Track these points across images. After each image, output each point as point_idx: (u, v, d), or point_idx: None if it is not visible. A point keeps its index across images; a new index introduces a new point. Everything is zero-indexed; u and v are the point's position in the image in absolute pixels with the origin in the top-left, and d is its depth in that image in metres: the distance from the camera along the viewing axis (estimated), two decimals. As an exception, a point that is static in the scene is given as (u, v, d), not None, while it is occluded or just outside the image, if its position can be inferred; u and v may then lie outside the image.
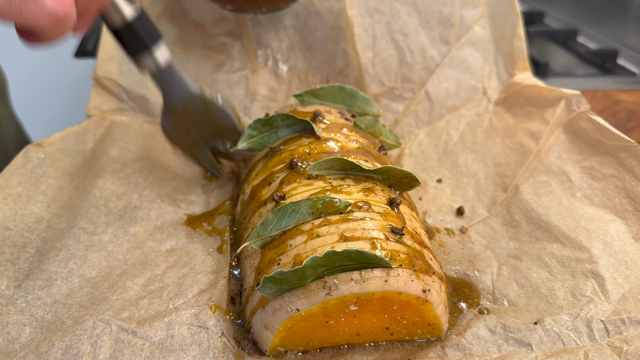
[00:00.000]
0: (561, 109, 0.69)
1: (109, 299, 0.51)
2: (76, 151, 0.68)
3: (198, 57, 0.82)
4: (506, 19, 0.81)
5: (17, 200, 0.58)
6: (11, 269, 0.52)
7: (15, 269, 0.52)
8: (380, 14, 0.82)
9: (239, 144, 0.63)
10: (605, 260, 0.54)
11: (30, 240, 0.56)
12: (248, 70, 0.83)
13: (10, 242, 0.54)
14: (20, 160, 0.62)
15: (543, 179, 0.65)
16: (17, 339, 0.46)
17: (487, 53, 0.82)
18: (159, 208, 0.64)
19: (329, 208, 0.49)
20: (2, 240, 0.54)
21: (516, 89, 0.78)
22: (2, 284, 0.50)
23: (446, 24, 0.82)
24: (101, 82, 0.78)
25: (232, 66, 0.83)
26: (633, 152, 0.60)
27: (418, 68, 0.82)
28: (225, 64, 0.83)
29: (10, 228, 0.56)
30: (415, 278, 0.46)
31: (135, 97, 0.78)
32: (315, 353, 0.49)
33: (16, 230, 0.56)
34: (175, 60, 0.67)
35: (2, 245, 0.54)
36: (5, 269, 0.52)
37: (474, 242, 0.62)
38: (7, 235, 0.55)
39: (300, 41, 0.84)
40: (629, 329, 0.48)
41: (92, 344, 0.46)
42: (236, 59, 0.83)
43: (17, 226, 0.56)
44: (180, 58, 0.81)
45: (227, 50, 0.82)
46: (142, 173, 0.68)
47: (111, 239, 0.58)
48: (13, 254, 0.53)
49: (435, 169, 0.74)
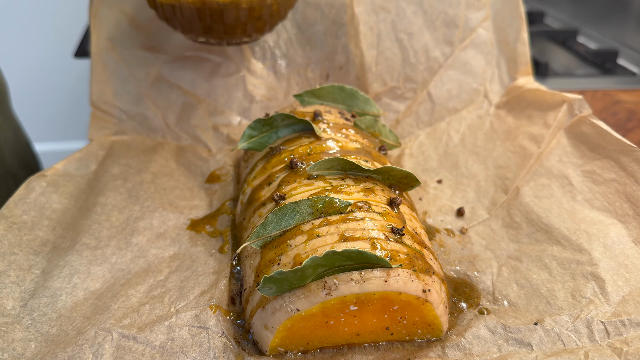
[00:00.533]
0: (563, 112, 0.69)
1: (111, 308, 0.51)
2: (79, 175, 0.69)
3: (194, 61, 0.81)
4: (511, 23, 0.81)
5: (22, 227, 0.59)
6: (17, 290, 0.53)
7: (20, 290, 0.53)
8: (386, 12, 0.82)
9: (239, 145, 0.63)
10: (606, 262, 0.54)
11: (36, 262, 0.56)
12: (245, 70, 0.83)
13: (16, 266, 0.55)
14: (23, 191, 0.63)
15: (544, 181, 0.65)
16: (23, 354, 0.47)
17: (490, 56, 0.82)
18: (161, 216, 0.64)
19: (329, 208, 0.49)
20: (8, 264, 0.55)
21: (518, 92, 0.77)
22: (8, 305, 0.51)
23: (451, 25, 0.82)
24: (99, 107, 0.78)
25: (229, 68, 0.82)
26: (634, 157, 0.60)
27: (421, 68, 0.82)
28: (221, 66, 0.82)
29: (16, 253, 0.56)
30: (415, 278, 0.46)
31: (134, 116, 0.78)
32: (315, 353, 0.49)
33: (22, 254, 0.56)
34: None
35: (7, 269, 0.54)
36: (11, 290, 0.52)
37: (474, 243, 0.62)
38: (12, 260, 0.55)
39: (299, 34, 0.84)
40: (629, 331, 0.48)
41: (94, 352, 0.46)
42: (232, 59, 0.82)
43: (22, 251, 0.57)
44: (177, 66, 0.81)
45: (222, 51, 0.82)
46: (142, 185, 0.68)
47: (114, 251, 0.59)
48: (19, 277, 0.54)
49: (435, 169, 0.74)
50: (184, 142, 0.79)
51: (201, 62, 0.82)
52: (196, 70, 0.82)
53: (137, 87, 0.79)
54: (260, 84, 0.83)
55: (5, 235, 0.57)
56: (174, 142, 0.78)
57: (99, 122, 0.78)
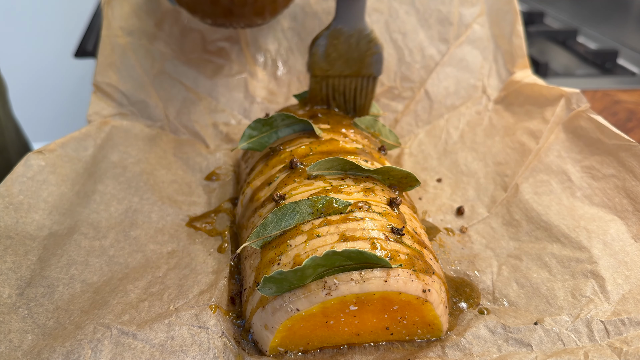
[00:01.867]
0: (561, 107, 0.69)
1: (110, 303, 0.51)
2: (77, 157, 0.68)
3: (197, 62, 0.82)
4: (505, 17, 0.81)
5: (18, 208, 0.58)
6: (13, 277, 0.52)
7: (17, 277, 0.52)
8: (379, 14, 0.82)
9: (239, 145, 0.63)
10: (605, 260, 0.54)
11: (32, 248, 0.56)
12: (247, 73, 0.83)
13: (12, 251, 0.54)
14: (21, 168, 0.62)
15: (543, 178, 0.65)
16: (20, 346, 0.46)
17: (486, 51, 0.82)
18: (160, 210, 0.64)
19: (329, 208, 0.49)
20: (4, 249, 0.54)
21: (516, 87, 0.77)
22: (4, 293, 0.50)
23: (445, 23, 0.82)
24: (101, 88, 0.78)
25: (231, 70, 0.83)
26: (633, 152, 0.60)
27: (417, 67, 0.82)
28: (224, 68, 0.83)
29: (12, 237, 0.56)
30: (415, 278, 0.46)
31: (135, 102, 0.79)
32: (315, 353, 0.49)
33: (18, 238, 0.56)
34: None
35: (4, 254, 0.54)
36: (7, 277, 0.52)
37: (474, 241, 0.61)
38: (8, 244, 0.55)
39: (299, 43, 0.84)
40: (629, 330, 0.48)
41: (93, 348, 0.46)
42: (235, 63, 0.83)
43: (18, 234, 0.56)
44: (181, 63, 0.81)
45: (225, 55, 0.83)
46: (142, 177, 0.68)
47: (112, 244, 0.58)
48: (15, 262, 0.53)
49: (435, 168, 0.74)
50: (182, 136, 0.79)
51: (205, 63, 0.82)
52: (199, 69, 0.82)
53: (141, 76, 0.79)
54: (261, 87, 0.84)
55: (2, 217, 0.56)
56: (172, 134, 0.78)
57: (99, 103, 0.78)
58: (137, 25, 0.80)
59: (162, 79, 0.80)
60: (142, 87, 0.79)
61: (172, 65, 0.80)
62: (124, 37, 0.79)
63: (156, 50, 0.80)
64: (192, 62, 0.82)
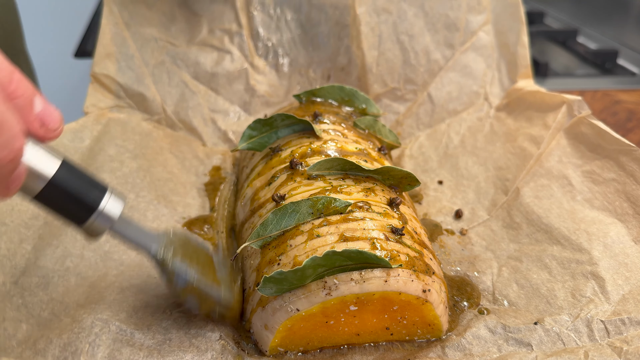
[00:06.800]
0: (562, 114, 0.69)
1: (107, 299, 0.50)
2: (73, 148, 0.68)
3: (197, 51, 0.81)
4: (511, 27, 0.81)
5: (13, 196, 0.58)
6: (7, 264, 0.52)
7: (11, 264, 0.52)
8: (388, 14, 0.82)
9: (239, 145, 0.63)
10: (606, 262, 0.54)
11: (27, 236, 0.55)
12: (248, 64, 0.83)
13: (7, 238, 0.54)
14: None
15: (544, 182, 0.65)
16: (14, 335, 0.46)
17: (490, 59, 0.82)
18: (155, 210, 0.64)
19: (329, 208, 0.49)
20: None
21: (518, 94, 0.78)
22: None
23: (452, 28, 0.82)
24: (99, 79, 0.78)
25: (232, 61, 0.82)
26: (633, 156, 0.60)
27: (421, 70, 0.82)
28: (225, 59, 0.82)
29: (6, 224, 0.55)
30: (415, 278, 0.46)
31: (132, 95, 0.78)
32: (315, 353, 0.49)
33: (13, 226, 0.55)
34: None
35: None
36: (1, 264, 0.52)
37: (474, 243, 0.62)
38: (3, 231, 0.54)
39: (302, 35, 0.84)
40: (629, 330, 0.48)
41: (91, 342, 0.45)
42: (236, 54, 0.83)
43: (13, 222, 0.56)
44: (182, 52, 0.81)
45: (227, 44, 0.82)
46: (139, 173, 0.68)
47: (108, 239, 0.58)
48: (9, 250, 0.53)
49: (435, 170, 0.74)
50: (179, 132, 0.78)
51: (205, 53, 0.82)
52: (200, 59, 0.82)
53: (140, 67, 0.79)
54: (262, 80, 0.83)
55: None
56: (169, 129, 0.78)
57: (97, 94, 0.77)
58: (138, 12, 0.79)
59: (161, 70, 0.80)
60: (141, 79, 0.79)
61: (172, 55, 0.80)
62: (124, 25, 0.79)
63: (156, 40, 0.80)
64: (193, 51, 0.81)
